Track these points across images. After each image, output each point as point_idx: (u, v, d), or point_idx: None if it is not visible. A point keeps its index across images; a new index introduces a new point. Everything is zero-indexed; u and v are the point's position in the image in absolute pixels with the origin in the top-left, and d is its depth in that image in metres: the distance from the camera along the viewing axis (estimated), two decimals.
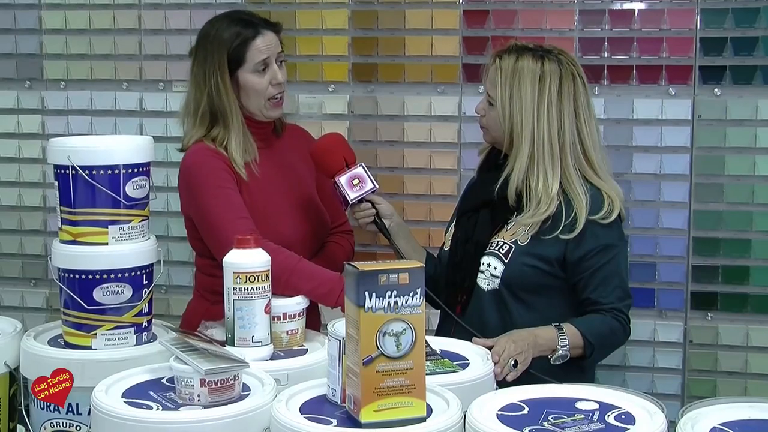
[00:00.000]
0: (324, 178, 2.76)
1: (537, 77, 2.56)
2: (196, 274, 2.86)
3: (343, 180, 2.63)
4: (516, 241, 2.57)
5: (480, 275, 2.61)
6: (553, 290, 2.58)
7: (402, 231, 2.76)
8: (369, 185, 2.64)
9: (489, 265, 2.59)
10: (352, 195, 2.63)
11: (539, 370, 2.36)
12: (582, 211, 2.52)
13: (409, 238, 2.79)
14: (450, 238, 2.76)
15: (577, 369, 2.55)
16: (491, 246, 2.61)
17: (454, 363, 2.18)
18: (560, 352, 2.44)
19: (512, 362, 2.29)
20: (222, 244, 2.55)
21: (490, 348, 2.30)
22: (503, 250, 2.58)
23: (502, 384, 2.20)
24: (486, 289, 2.60)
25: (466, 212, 2.73)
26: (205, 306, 2.72)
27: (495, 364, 2.23)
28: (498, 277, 2.58)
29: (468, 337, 2.38)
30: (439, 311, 2.69)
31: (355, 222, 2.74)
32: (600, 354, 2.60)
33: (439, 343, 2.32)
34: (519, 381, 2.22)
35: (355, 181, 2.63)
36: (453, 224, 2.79)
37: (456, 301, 2.63)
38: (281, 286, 2.34)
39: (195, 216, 2.66)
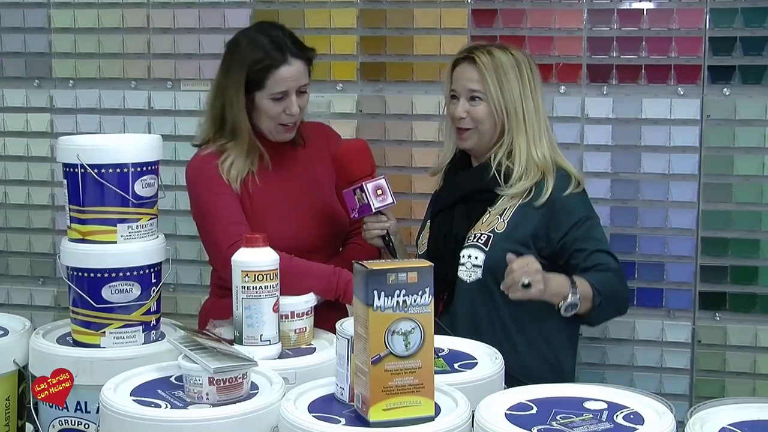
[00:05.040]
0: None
1: (514, 65, 2.68)
2: (212, 272, 2.86)
3: (370, 187, 2.60)
4: (493, 229, 2.62)
5: (461, 267, 2.63)
6: None
7: (401, 249, 2.78)
8: (389, 198, 2.63)
9: (469, 256, 2.62)
10: (376, 204, 2.60)
11: (531, 369, 2.37)
12: (551, 179, 2.62)
13: (405, 256, 2.81)
14: (425, 242, 2.78)
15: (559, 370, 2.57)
16: (469, 239, 2.65)
17: (459, 362, 2.18)
18: (570, 299, 2.45)
19: (525, 281, 2.32)
20: (214, 249, 2.58)
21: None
22: (482, 240, 2.62)
23: (510, 383, 2.19)
24: (468, 281, 2.62)
25: (441, 211, 2.76)
26: (214, 300, 2.75)
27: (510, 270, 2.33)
28: (480, 266, 2.61)
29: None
30: None
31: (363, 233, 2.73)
32: (607, 307, 2.59)
33: (448, 342, 2.32)
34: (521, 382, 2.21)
35: (379, 191, 2.62)
36: (426, 228, 2.80)
37: (438, 298, 2.63)
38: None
39: (195, 221, 2.71)
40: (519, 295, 2.33)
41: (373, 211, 2.61)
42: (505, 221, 2.62)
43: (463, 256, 2.63)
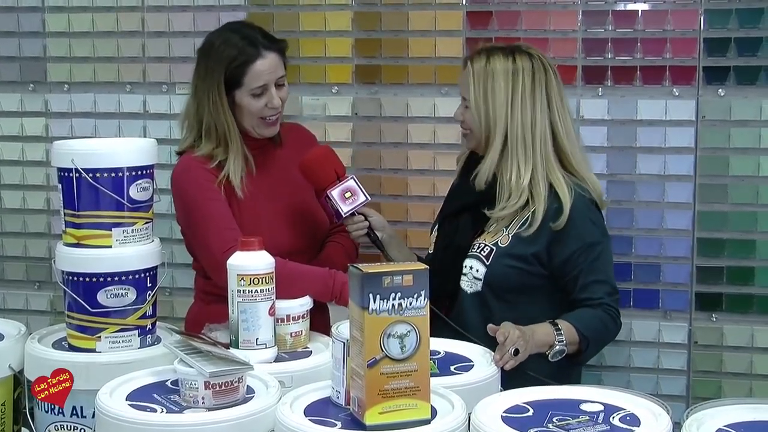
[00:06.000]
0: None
1: (510, 73, 2.60)
2: (195, 277, 2.87)
3: (335, 193, 2.61)
4: (497, 242, 2.59)
5: (463, 278, 2.62)
6: (534, 289, 2.59)
7: (394, 242, 2.77)
8: (361, 198, 2.63)
9: (471, 267, 2.61)
10: (345, 208, 2.61)
11: (535, 373, 2.36)
12: (540, 207, 2.54)
13: (402, 248, 2.80)
14: (433, 241, 2.77)
15: (566, 369, 2.56)
16: (473, 249, 2.63)
17: (455, 365, 2.18)
18: (557, 347, 2.44)
19: (513, 350, 2.29)
20: (207, 255, 2.58)
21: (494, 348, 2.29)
22: (484, 252, 2.60)
23: (506, 386, 2.20)
24: (469, 292, 2.61)
25: (448, 217, 2.75)
26: (202, 307, 2.76)
27: (501, 344, 2.25)
28: (480, 279, 2.59)
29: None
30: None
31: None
32: (595, 348, 2.59)
33: (444, 345, 2.32)
34: (518, 383, 2.21)
35: (347, 194, 2.62)
36: (437, 227, 2.79)
37: (439, 305, 2.63)
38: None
39: (184, 227, 2.71)
40: (512, 363, 2.29)
41: (344, 215, 2.62)
42: (510, 235, 2.59)
43: (466, 267, 2.62)
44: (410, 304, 1.72)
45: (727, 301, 3.24)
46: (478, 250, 2.61)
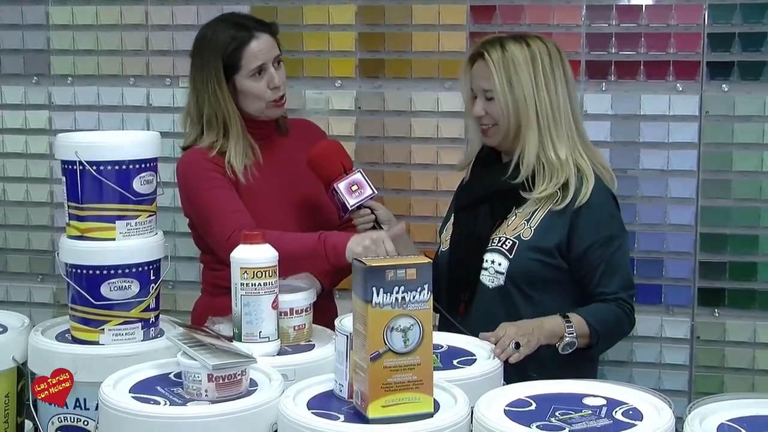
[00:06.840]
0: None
1: (529, 57, 2.58)
2: (202, 270, 2.88)
3: (342, 186, 2.61)
4: (519, 236, 2.57)
5: (484, 272, 2.60)
6: (557, 284, 2.58)
7: (400, 236, 2.75)
8: (368, 191, 2.63)
9: (493, 261, 2.59)
10: (351, 201, 2.61)
11: (547, 363, 2.36)
12: (572, 180, 2.54)
13: (407, 243, 2.79)
14: (447, 238, 2.75)
15: (582, 361, 2.55)
16: (493, 242, 2.60)
17: (458, 359, 2.18)
18: (567, 339, 2.43)
19: (513, 344, 2.28)
20: (219, 239, 2.58)
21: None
22: (506, 245, 2.58)
23: (509, 380, 2.20)
24: (491, 287, 2.59)
25: (465, 208, 2.73)
26: (209, 300, 2.76)
27: (495, 345, 2.24)
28: (503, 273, 2.57)
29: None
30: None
31: None
32: (606, 342, 2.58)
33: (447, 339, 2.32)
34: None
35: (354, 187, 2.62)
36: (450, 223, 2.78)
37: (459, 299, 2.63)
38: None
39: (193, 217, 2.72)
40: (515, 356, 2.29)
41: (350, 208, 2.62)
42: (532, 228, 2.56)
43: (487, 261, 2.59)
44: (413, 297, 1.72)
45: (729, 297, 3.25)
46: (500, 244, 2.58)
